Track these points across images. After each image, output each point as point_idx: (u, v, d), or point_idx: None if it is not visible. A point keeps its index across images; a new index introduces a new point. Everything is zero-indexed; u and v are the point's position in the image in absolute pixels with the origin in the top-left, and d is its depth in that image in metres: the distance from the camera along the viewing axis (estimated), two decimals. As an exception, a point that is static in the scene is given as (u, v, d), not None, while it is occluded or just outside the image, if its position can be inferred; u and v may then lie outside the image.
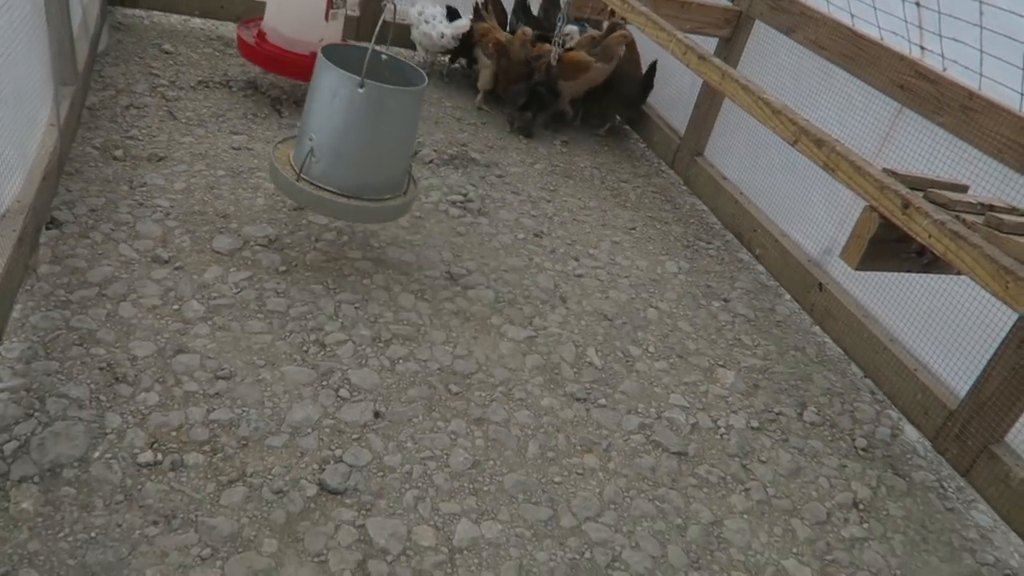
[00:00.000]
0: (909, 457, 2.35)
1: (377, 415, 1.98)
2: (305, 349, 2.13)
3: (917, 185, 1.84)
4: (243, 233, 2.51)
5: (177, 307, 2.15)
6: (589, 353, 2.42)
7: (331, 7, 3.22)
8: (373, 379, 2.09)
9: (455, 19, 4.05)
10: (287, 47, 3.23)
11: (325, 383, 2.03)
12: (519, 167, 3.52)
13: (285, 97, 3.52)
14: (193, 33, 3.95)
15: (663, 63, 3.85)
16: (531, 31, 3.85)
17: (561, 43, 3.78)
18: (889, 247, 1.83)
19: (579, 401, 2.21)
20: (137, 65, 3.44)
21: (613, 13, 3.90)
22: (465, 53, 4.18)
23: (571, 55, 3.75)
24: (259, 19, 3.39)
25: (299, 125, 2.30)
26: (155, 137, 2.92)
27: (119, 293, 2.14)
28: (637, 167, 3.88)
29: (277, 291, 2.30)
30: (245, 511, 1.66)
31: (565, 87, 3.81)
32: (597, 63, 3.75)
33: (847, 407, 2.49)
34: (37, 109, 2.30)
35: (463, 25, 3.99)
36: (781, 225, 3.14)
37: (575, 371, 2.33)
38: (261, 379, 1.99)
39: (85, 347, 1.94)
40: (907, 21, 2.47)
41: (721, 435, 2.24)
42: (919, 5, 2.35)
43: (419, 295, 2.45)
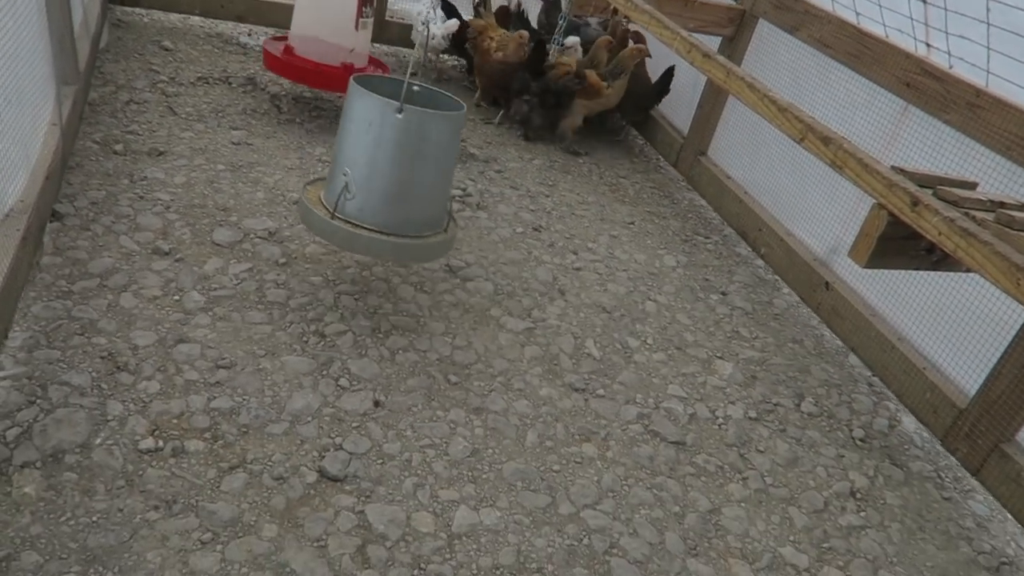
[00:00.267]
0: (907, 448, 2.36)
1: (377, 404, 1.99)
2: (305, 339, 2.14)
3: (926, 183, 1.82)
4: (243, 226, 2.52)
5: (178, 298, 2.16)
6: (588, 344, 2.43)
7: (361, 16, 3.18)
8: (373, 369, 2.10)
9: (452, 18, 4.06)
10: (318, 59, 3.19)
11: (325, 372, 2.05)
12: (518, 163, 3.54)
13: (284, 94, 3.53)
14: (193, 30, 3.97)
15: (664, 63, 3.83)
16: (527, 34, 3.83)
17: (560, 44, 3.78)
18: (898, 245, 1.81)
19: (577, 391, 2.23)
20: (137, 61, 3.46)
21: (616, 12, 3.91)
22: (461, 52, 4.19)
23: (590, 79, 3.67)
24: (286, 37, 3.35)
25: (331, 160, 2.12)
26: (155, 132, 2.94)
27: (120, 284, 2.15)
28: (636, 163, 3.89)
29: (277, 282, 2.31)
30: (245, 497, 1.67)
31: (580, 105, 3.73)
32: (609, 88, 3.69)
33: (845, 398, 2.50)
34: (39, 108, 2.30)
35: (452, 25, 3.98)
36: (786, 224, 3.13)
37: (574, 362, 2.34)
38: (261, 368, 2.00)
39: (87, 336, 1.95)
40: (913, 18, 2.46)
41: (719, 425, 2.25)
42: (925, 2, 2.34)
43: (418, 287, 2.46)
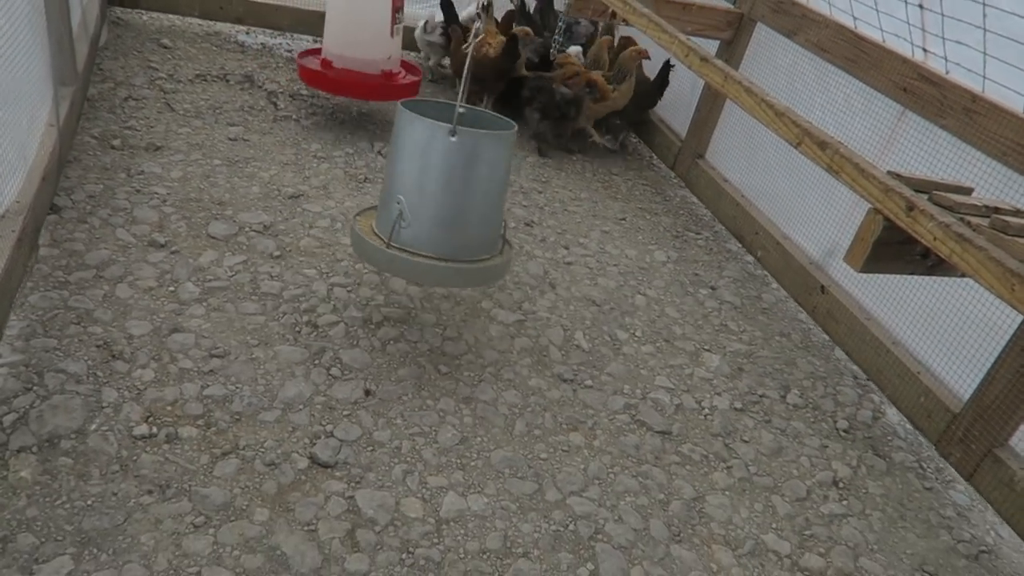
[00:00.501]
0: (890, 439, 2.40)
1: (368, 393, 2.03)
2: (298, 330, 2.18)
3: (921, 187, 1.83)
4: (238, 219, 2.56)
5: (173, 289, 2.20)
6: (577, 336, 2.47)
7: (395, 22, 3.20)
8: (364, 359, 2.14)
9: (450, 18, 4.09)
10: (358, 69, 3.23)
11: (317, 362, 2.08)
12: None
13: (281, 91, 3.57)
14: (191, 29, 4.01)
15: (658, 63, 3.85)
16: (529, 30, 3.86)
17: (559, 44, 3.81)
18: (893, 249, 1.81)
19: (566, 382, 2.26)
20: (136, 59, 3.49)
21: (614, 15, 3.93)
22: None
23: (599, 84, 3.67)
24: (316, 51, 3.39)
25: (382, 189, 2.14)
26: (153, 128, 2.97)
27: (116, 275, 2.19)
28: (629, 161, 3.93)
29: (271, 274, 2.35)
30: (238, 482, 1.71)
31: (592, 108, 3.72)
32: (615, 92, 3.70)
33: (830, 390, 2.54)
34: (37, 109, 2.30)
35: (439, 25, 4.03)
36: (783, 227, 3.14)
37: (563, 353, 2.38)
38: (254, 358, 2.04)
39: (83, 326, 1.99)
40: (910, 23, 2.46)
41: (705, 415, 2.29)
42: (922, 7, 2.34)
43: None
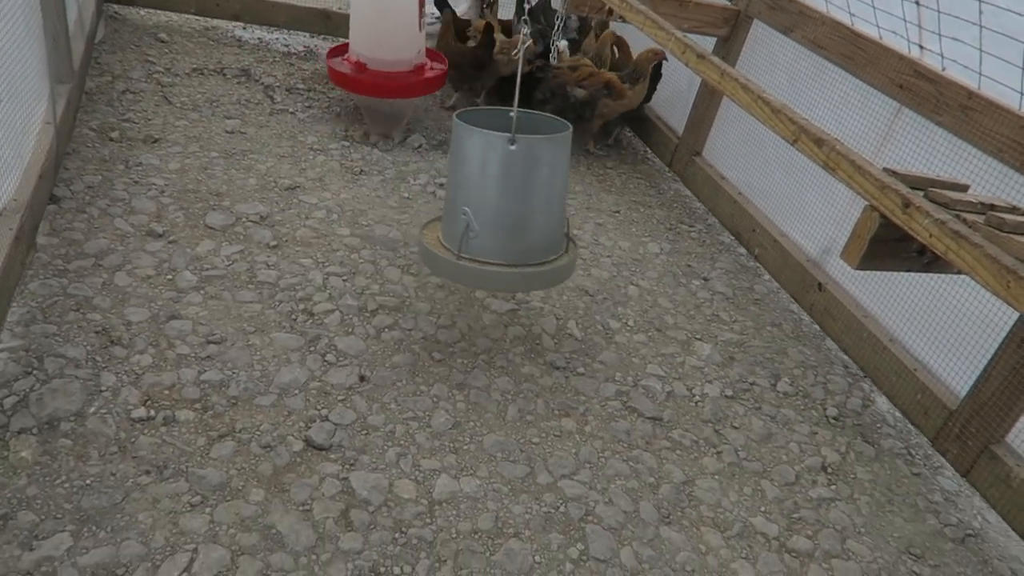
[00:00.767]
0: (879, 426, 2.43)
1: (362, 379, 2.06)
2: (294, 317, 2.21)
3: (917, 184, 1.83)
4: (235, 210, 2.59)
5: (170, 277, 2.23)
6: (570, 325, 2.50)
7: (422, 15, 3.20)
8: (359, 346, 2.17)
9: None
10: (391, 69, 3.25)
11: (312, 349, 2.11)
12: (507, 153, 3.60)
13: (278, 85, 3.60)
14: (188, 23, 4.04)
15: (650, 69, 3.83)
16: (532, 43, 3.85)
17: (559, 41, 3.82)
18: (890, 247, 1.82)
19: (558, 369, 2.30)
20: (134, 53, 3.52)
21: (611, 12, 3.95)
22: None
23: (615, 84, 3.66)
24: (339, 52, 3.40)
25: (444, 200, 2.14)
26: (150, 120, 3.00)
27: (115, 263, 2.22)
28: (623, 154, 3.96)
29: (268, 264, 2.38)
30: (234, 463, 1.74)
31: (602, 104, 3.71)
32: (630, 91, 3.69)
33: (820, 379, 2.57)
34: (33, 107, 2.30)
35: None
36: (780, 225, 3.14)
37: (555, 342, 2.41)
38: (251, 344, 2.07)
39: (82, 312, 2.02)
40: (906, 20, 2.47)
41: (696, 402, 2.32)
42: (919, 4, 2.35)
43: (405, 269, 2.53)
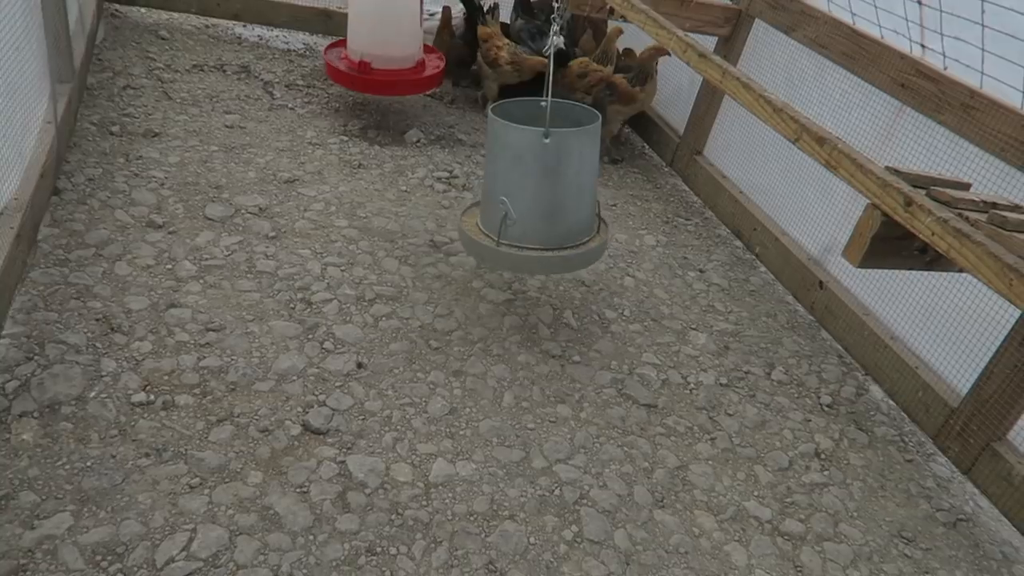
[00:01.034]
0: (872, 414, 2.45)
1: (360, 366, 2.09)
2: (292, 306, 2.23)
3: (919, 183, 1.84)
4: (235, 202, 2.62)
5: (170, 267, 2.25)
6: (566, 315, 2.52)
7: (421, 12, 3.23)
8: (356, 334, 2.19)
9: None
10: (398, 67, 3.28)
11: (311, 336, 2.14)
12: (504, 148, 3.62)
13: (277, 81, 3.63)
14: (188, 21, 4.06)
15: (662, 63, 3.79)
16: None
17: (559, 37, 3.81)
18: (891, 245, 1.83)
19: (554, 358, 2.32)
20: (134, 49, 3.55)
21: (612, 11, 3.95)
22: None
23: (623, 86, 3.67)
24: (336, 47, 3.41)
25: (482, 189, 2.28)
26: (151, 115, 3.03)
27: (115, 254, 2.24)
28: (621, 149, 3.99)
29: (266, 254, 2.41)
30: (232, 447, 1.77)
31: (614, 111, 3.73)
32: (641, 94, 3.70)
33: (814, 368, 2.59)
34: (34, 106, 2.31)
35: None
36: (781, 223, 3.15)
37: (552, 331, 2.43)
38: (249, 332, 2.10)
39: (82, 300, 2.04)
40: (908, 19, 2.47)
41: (690, 390, 2.34)
42: (920, 3, 2.35)
43: (403, 260, 2.56)
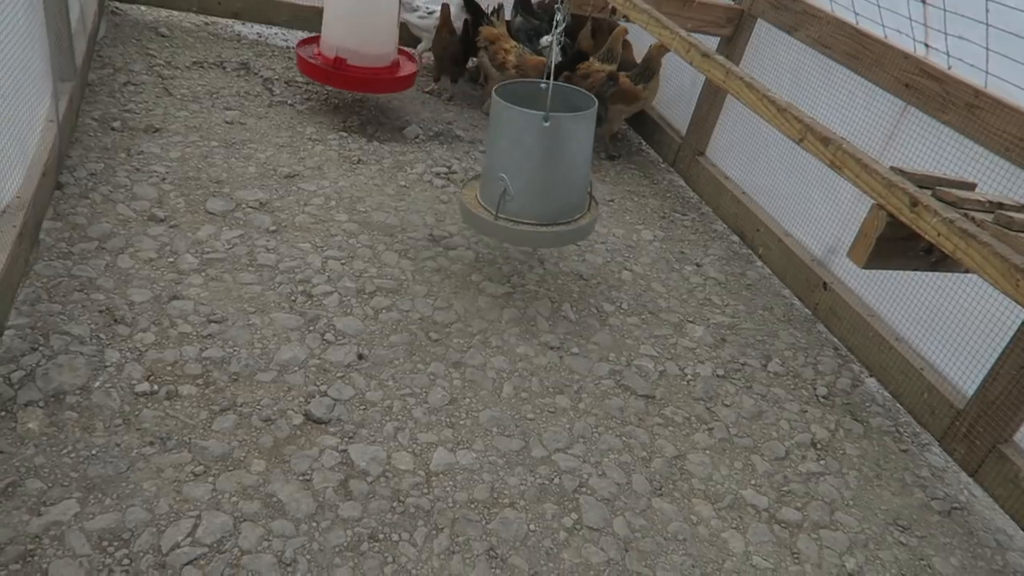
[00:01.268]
0: (868, 405, 2.48)
1: (360, 357, 2.11)
2: (293, 299, 2.25)
3: (925, 183, 1.83)
4: (235, 197, 2.64)
5: (172, 260, 2.27)
6: (564, 308, 2.54)
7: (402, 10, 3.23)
8: (357, 326, 2.21)
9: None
10: (373, 64, 3.29)
11: (312, 328, 2.16)
12: (503, 144, 3.64)
13: (276, 78, 3.65)
14: (188, 18, 4.08)
15: (663, 63, 3.78)
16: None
17: (560, 39, 3.83)
18: (897, 245, 1.82)
19: (553, 349, 2.34)
20: (135, 46, 3.57)
21: (614, 11, 3.97)
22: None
23: (626, 84, 3.67)
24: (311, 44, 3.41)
25: (483, 165, 2.43)
26: (152, 111, 3.05)
27: (117, 247, 2.26)
28: (618, 146, 4.01)
29: (267, 248, 2.43)
30: (235, 436, 1.79)
31: (617, 111, 3.74)
32: (644, 91, 3.71)
33: (811, 360, 2.62)
34: (36, 105, 2.32)
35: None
36: (785, 224, 3.15)
37: (550, 323, 2.45)
38: (251, 323, 2.12)
39: (86, 292, 2.06)
40: (912, 19, 2.47)
41: (688, 381, 2.36)
42: (924, 3, 2.35)
43: (402, 254, 2.58)
